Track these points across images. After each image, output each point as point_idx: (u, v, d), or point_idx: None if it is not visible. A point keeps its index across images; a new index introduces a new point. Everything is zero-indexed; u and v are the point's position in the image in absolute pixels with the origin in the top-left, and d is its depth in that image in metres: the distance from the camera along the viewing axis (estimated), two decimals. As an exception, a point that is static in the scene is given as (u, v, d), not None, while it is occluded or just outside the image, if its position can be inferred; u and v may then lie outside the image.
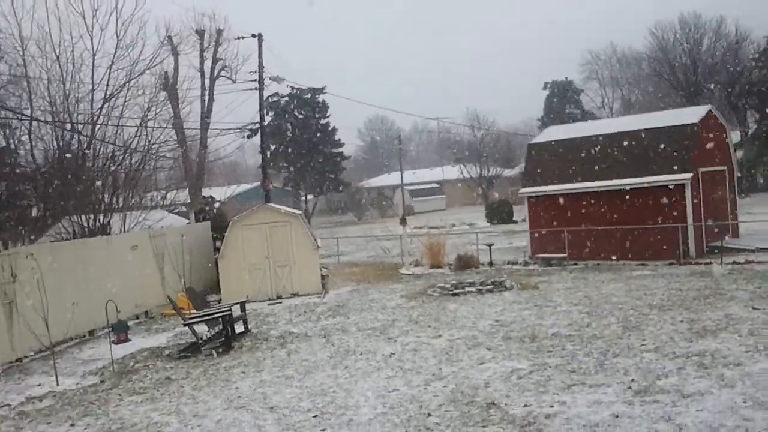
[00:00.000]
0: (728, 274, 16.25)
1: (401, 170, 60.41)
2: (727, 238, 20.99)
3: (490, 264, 21.73)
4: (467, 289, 17.17)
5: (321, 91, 58.55)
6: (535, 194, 22.60)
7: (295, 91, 57.32)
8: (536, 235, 22.31)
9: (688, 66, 54.70)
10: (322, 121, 60.36)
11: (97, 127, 22.19)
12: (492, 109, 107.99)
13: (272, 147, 56.51)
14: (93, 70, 22.50)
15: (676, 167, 19.93)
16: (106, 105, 22.62)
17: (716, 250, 19.34)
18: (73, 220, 19.79)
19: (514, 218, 39.25)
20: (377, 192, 68.86)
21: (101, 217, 20.38)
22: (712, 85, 52.96)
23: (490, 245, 23.10)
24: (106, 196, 21.26)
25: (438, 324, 13.44)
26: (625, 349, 10.28)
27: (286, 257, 19.04)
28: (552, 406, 8.06)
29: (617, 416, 7.55)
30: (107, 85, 22.64)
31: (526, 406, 8.17)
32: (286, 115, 59.71)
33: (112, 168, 22.21)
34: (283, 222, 19.23)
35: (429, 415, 8.17)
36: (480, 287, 17.18)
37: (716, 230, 20.80)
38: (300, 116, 59.84)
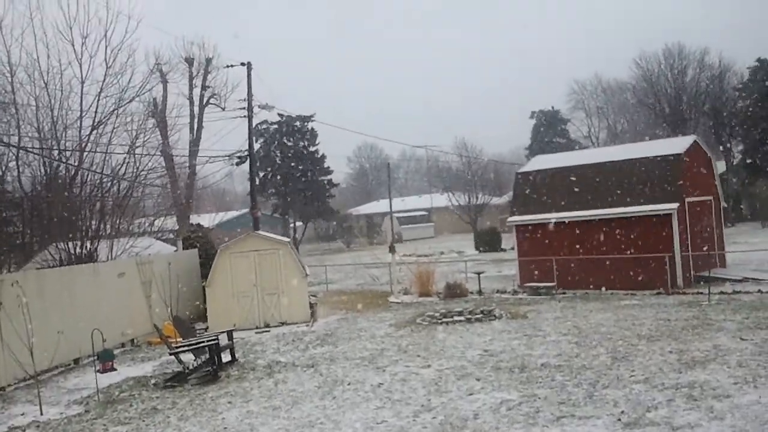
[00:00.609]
0: (716, 305, 16.30)
1: (390, 198, 60.57)
2: (713, 269, 21.09)
3: (479, 292, 21.73)
4: (456, 317, 17.13)
5: (310, 118, 58.81)
6: (523, 223, 22.69)
7: (284, 118, 57.56)
8: (525, 263, 22.34)
9: (673, 96, 55.44)
10: (311, 149, 60.54)
11: (85, 154, 22.15)
12: (480, 137, 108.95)
13: (261, 174, 56.61)
14: (82, 97, 22.51)
15: (662, 197, 20.09)
16: (95, 132, 22.61)
17: (702, 282, 19.42)
18: (60, 246, 19.65)
19: (502, 246, 39.35)
20: (366, 219, 68.90)
21: (88, 244, 20.25)
22: (697, 115, 53.63)
23: (479, 273, 23.12)
24: (93, 222, 21.15)
25: (427, 353, 13.38)
26: (614, 380, 10.26)
27: (275, 285, 18.95)
28: (542, 439, 8.02)
29: (607, 449, 7.52)
30: (96, 112, 22.66)
31: (515, 438, 8.13)
32: (275, 143, 59.86)
33: (100, 195, 22.13)
34: (272, 250, 19.17)
35: (418, 447, 8.10)
36: (469, 316, 17.14)
37: (700, 263, 20.90)
38: (289, 143, 60.01)
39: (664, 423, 8.18)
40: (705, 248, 21.13)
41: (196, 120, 38.07)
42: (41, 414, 11.18)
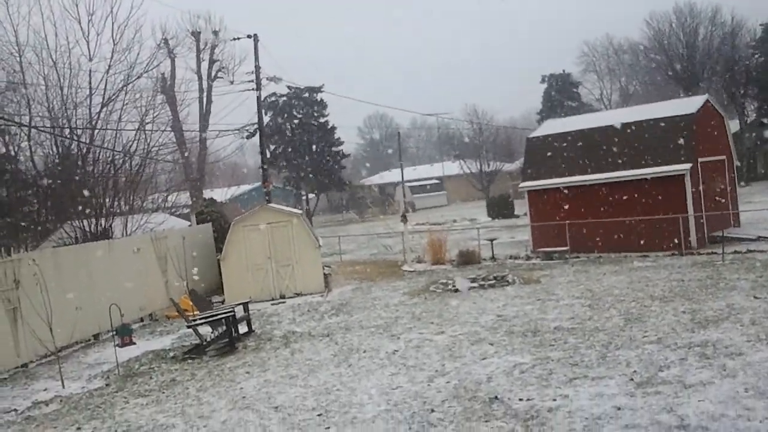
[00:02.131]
0: (729, 264, 16.27)
1: (401, 167, 60.39)
2: (727, 229, 20.99)
3: (493, 259, 21.78)
4: (470, 284, 17.20)
5: (319, 89, 58.56)
6: (536, 188, 22.63)
7: (293, 90, 57.32)
8: (537, 228, 22.34)
9: (685, 56, 54.61)
10: (321, 120, 60.38)
11: (96, 131, 22.25)
12: (491, 103, 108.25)
13: (272, 147, 56.60)
14: (90, 75, 22.57)
15: (675, 158, 19.95)
16: (105, 109, 22.70)
17: (717, 241, 19.35)
18: (75, 225, 19.85)
19: (515, 212, 39.29)
20: (378, 189, 68.93)
21: (103, 222, 20.44)
22: (710, 75, 52.89)
23: (492, 240, 23.14)
24: (107, 199, 21.32)
25: (441, 320, 13.49)
26: (627, 342, 10.32)
27: (288, 257, 19.09)
28: (554, 400, 8.11)
29: (619, 408, 7.59)
30: (105, 89, 22.73)
31: (528, 400, 8.22)
32: (285, 115, 59.73)
33: (113, 172, 22.27)
34: (285, 222, 19.28)
35: (432, 411, 8.22)
36: (482, 282, 17.22)
37: (714, 223, 20.79)
38: (299, 115, 59.86)
39: (677, 381, 8.25)
40: (718, 208, 21.02)
41: (204, 94, 38.05)
42: (63, 388, 11.42)
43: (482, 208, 44.55)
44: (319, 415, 8.57)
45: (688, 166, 19.66)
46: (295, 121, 59.51)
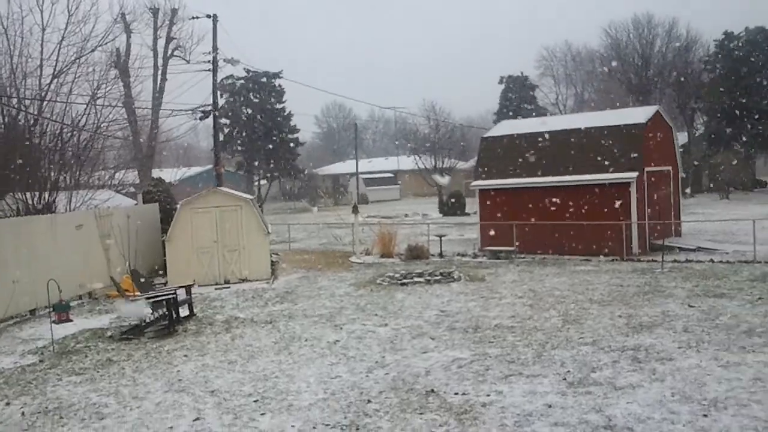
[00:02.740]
0: (668, 272, 16.73)
1: (356, 158, 60.36)
2: (668, 238, 21.57)
3: (441, 255, 21.96)
4: (416, 279, 17.34)
5: (277, 75, 58.13)
6: (486, 187, 22.90)
7: (250, 74, 56.69)
8: (486, 227, 22.60)
9: (640, 66, 55.86)
10: (278, 106, 59.90)
11: (45, 103, 21.65)
12: (449, 100, 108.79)
13: (226, 130, 55.89)
14: (42, 45, 21.93)
15: (623, 165, 20.41)
16: (55, 81, 22.07)
17: (657, 249, 19.87)
18: (18, 197, 19.30)
19: (466, 210, 39.66)
20: (332, 180, 68.71)
21: (46, 195, 19.92)
22: (663, 86, 54.20)
23: (440, 236, 23.34)
24: (52, 173, 20.77)
25: (385, 313, 13.56)
26: (563, 342, 10.55)
27: (236, 242, 18.92)
28: (489, 395, 8.25)
29: (550, 406, 7.77)
30: (57, 60, 22.09)
31: (464, 394, 8.35)
32: (241, 98, 59.04)
33: (60, 145, 21.70)
34: (234, 206, 19.09)
35: (369, 401, 8.28)
36: (429, 278, 17.37)
37: (656, 232, 21.35)
38: (255, 100, 59.22)
39: (607, 383, 8.47)
40: (661, 217, 21.60)
41: (159, 72, 37.31)
42: (-6, 363, 11.13)
43: (434, 204, 44.88)
44: (255, 401, 8.55)
45: (634, 174, 20.13)
46: (251, 106, 58.84)
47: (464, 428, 7.30)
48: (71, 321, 14.38)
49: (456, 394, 8.38)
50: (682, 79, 51.95)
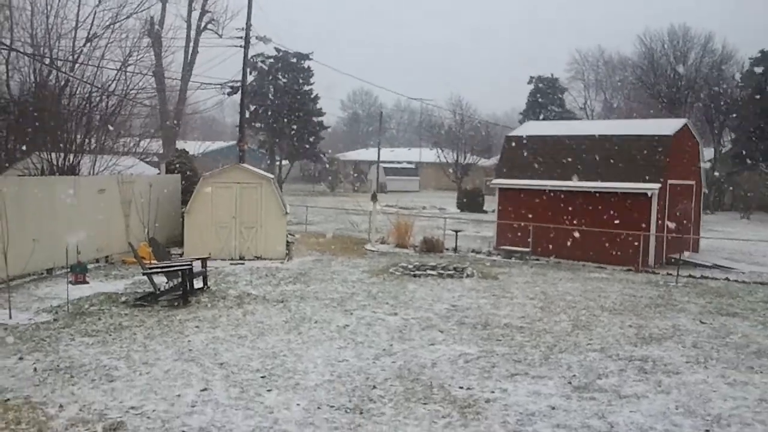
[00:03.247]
0: (682, 287, 16.66)
1: (379, 146, 60.36)
2: (687, 252, 21.44)
3: (455, 250, 21.99)
4: (429, 271, 17.40)
5: (307, 56, 58.14)
6: (507, 186, 22.85)
7: (281, 53, 56.79)
8: (503, 226, 22.59)
9: (672, 78, 55.29)
10: (306, 88, 59.97)
11: (77, 65, 21.87)
12: (476, 95, 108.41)
13: (252, 108, 56.03)
14: (79, 7, 22.15)
15: (646, 176, 20.28)
16: (88, 44, 22.29)
17: (673, 263, 19.78)
18: (43, 156, 19.54)
19: (484, 208, 39.60)
20: (353, 165, 68.79)
21: (71, 157, 20.15)
22: (693, 100, 53.64)
23: (457, 231, 23.35)
24: (78, 136, 21.00)
25: (395, 302, 13.64)
26: (571, 346, 10.57)
27: (254, 219, 19.06)
28: (493, 392, 8.31)
29: (554, 408, 7.82)
30: (91, 24, 22.34)
31: (468, 389, 8.41)
32: (270, 77, 59.18)
33: (88, 109, 21.92)
34: (255, 184, 19.22)
35: (374, 387, 8.37)
36: (441, 271, 17.42)
37: (673, 245, 21.22)
38: (283, 80, 59.34)
39: (612, 390, 8.50)
40: (680, 231, 21.47)
41: (191, 44, 37.57)
42: (10, 318, 11.33)
43: (453, 199, 44.83)
44: (262, 377, 8.67)
45: (657, 186, 20.01)
46: (279, 85, 58.98)
47: (467, 422, 7.37)
48: (87, 283, 14.59)
49: (461, 387, 8.45)
50: (713, 94, 51.38)
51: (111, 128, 22.31)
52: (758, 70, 48.19)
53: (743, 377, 9.20)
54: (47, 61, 21.47)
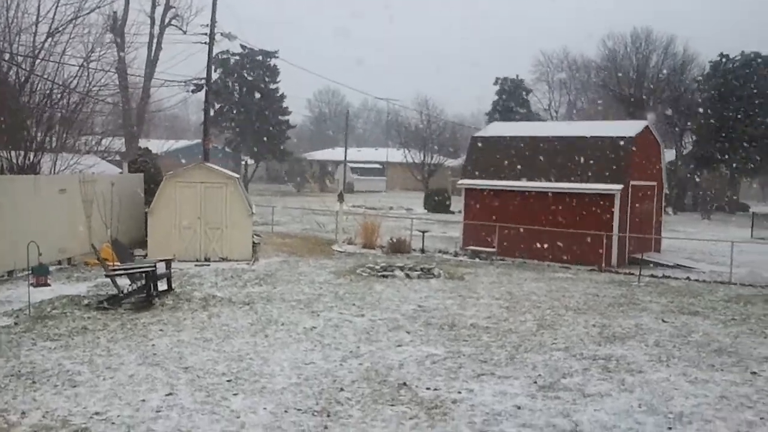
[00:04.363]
0: (645, 287, 16.94)
1: (346, 146, 60.21)
2: (647, 252, 21.77)
3: (422, 251, 22.06)
4: (396, 272, 17.41)
5: (273, 54, 57.79)
6: (472, 187, 23.00)
7: (246, 51, 56.29)
8: (469, 227, 22.73)
9: (634, 80, 56.15)
10: (272, 86, 59.57)
11: (38, 61, 21.44)
12: (442, 96, 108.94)
13: (217, 106, 55.52)
14: (40, 1, 21.73)
15: (608, 177, 20.58)
16: (50, 40, 21.89)
17: (636, 263, 20.08)
18: (2, 155, 19.11)
19: (451, 208, 39.78)
20: (320, 165, 68.60)
21: (31, 156, 19.75)
22: (655, 102, 54.52)
23: (423, 232, 23.43)
24: (39, 134, 20.60)
25: (363, 303, 13.64)
26: (536, 346, 10.68)
27: (219, 220, 18.88)
28: (460, 393, 8.36)
29: (519, 407, 7.89)
30: (53, 19, 21.95)
31: (435, 389, 8.45)
32: (235, 75, 58.66)
33: (49, 106, 21.50)
34: (220, 183, 19.04)
35: (341, 389, 8.36)
36: (408, 272, 17.45)
37: (636, 245, 21.56)
38: (249, 78, 58.86)
39: (577, 389, 8.61)
40: (642, 231, 21.82)
41: (155, 40, 37.06)
42: (-32, 321, 11.08)
43: (419, 199, 44.96)
44: (228, 380, 8.59)
45: (619, 186, 20.31)
46: (245, 83, 58.51)
47: (433, 422, 7.40)
48: (49, 285, 14.32)
49: (428, 389, 8.48)
50: (675, 97, 52.30)
51: (72, 126, 21.91)
52: (717, 72, 49.22)
53: (705, 375, 9.38)
54: (6, 56, 21.02)
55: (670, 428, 7.44)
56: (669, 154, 42.41)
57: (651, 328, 12.20)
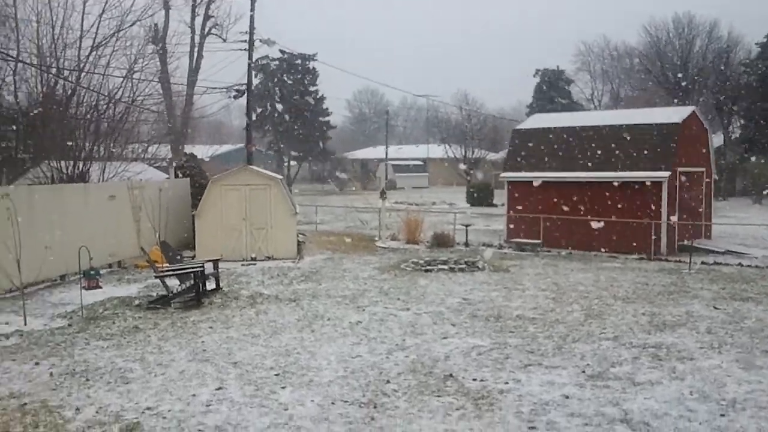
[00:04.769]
0: (695, 274, 16.59)
1: (386, 144, 60.29)
2: (697, 239, 21.33)
3: (466, 244, 21.97)
4: (440, 266, 17.39)
5: (312, 57, 58.27)
6: (516, 179, 22.81)
7: (285, 55, 56.96)
8: (513, 219, 22.55)
9: (678, 66, 54.99)
10: (311, 88, 60.13)
11: (84, 74, 22.03)
12: (482, 90, 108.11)
13: (258, 110, 56.23)
14: (83, 16, 22.37)
15: (655, 164, 20.20)
16: (94, 53, 22.48)
17: (686, 250, 19.67)
18: (53, 165, 19.69)
19: (494, 201, 39.54)
20: (361, 164, 68.84)
21: (80, 165, 20.30)
22: (700, 87, 53.32)
23: (467, 226, 23.33)
24: (87, 143, 21.17)
25: (407, 297, 13.66)
26: (584, 336, 10.56)
27: (264, 220, 19.12)
28: (507, 383, 8.31)
29: (567, 397, 7.82)
30: (96, 33, 22.58)
31: (482, 380, 8.42)
32: (275, 79, 59.36)
33: (95, 116, 22.07)
34: (264, 185, 19.28)
35: (388, 381, 8.40)
36: (453, 265, 17.41)
37: (685, 232, 21.13)
38: (289, 81, 59.52)
39: (626, 378, 8.48)
40: (690, 218, 21.37)
41: (196, 49, 37.78)
42: (25, 324, 11.44)
43: (462, 194, 44.78)
44: (276, 374, 8.71)
45: (666, 173, 19.92)
46: (285, 87, 59.14)
47: (480, 413, 7.38)
48: (100, 288, 14.69)
49: (474, 380, 8.46)
50: (721, 81, 51.02)
51: (118, 135, 22.46)
52: (765, 54, 47.84)
53: (758, 361, 9.16)
54: (53, 71, 21.64)
55: (723, 415, 7.29)
56: (717, 140, 41.42)
57: (702, 316, 11.95)
